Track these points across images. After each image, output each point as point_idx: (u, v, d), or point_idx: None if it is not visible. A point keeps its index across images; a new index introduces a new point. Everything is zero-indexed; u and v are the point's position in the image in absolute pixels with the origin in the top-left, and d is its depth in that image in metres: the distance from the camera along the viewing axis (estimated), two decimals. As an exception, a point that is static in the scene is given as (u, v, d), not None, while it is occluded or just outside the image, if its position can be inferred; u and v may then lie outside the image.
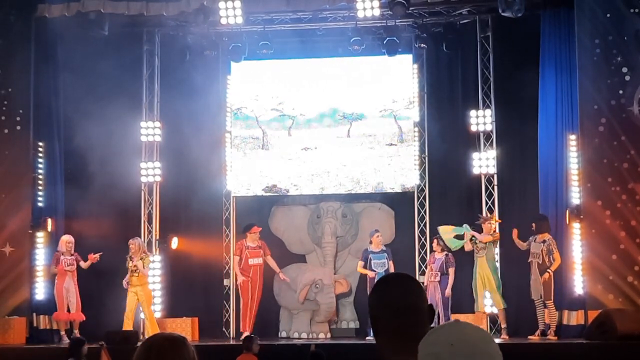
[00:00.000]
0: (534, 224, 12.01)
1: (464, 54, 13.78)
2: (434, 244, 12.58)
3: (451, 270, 12.34)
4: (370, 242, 12.66)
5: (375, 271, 12.29)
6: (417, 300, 2.37)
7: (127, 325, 12.08)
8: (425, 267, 12.88)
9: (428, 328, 2.34)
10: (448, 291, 12.24)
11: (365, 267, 12.50)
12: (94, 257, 12.29)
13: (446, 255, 12.39)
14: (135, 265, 12.23)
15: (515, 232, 12.06)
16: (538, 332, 11.89)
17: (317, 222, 13.92)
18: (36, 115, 12.77)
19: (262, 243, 13.02)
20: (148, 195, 13.70)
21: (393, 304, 2.34)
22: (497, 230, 12.51)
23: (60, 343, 12.10)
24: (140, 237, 13.39)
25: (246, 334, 11.88)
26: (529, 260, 11.97)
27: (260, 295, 12.94)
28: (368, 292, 12.23)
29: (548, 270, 11.74)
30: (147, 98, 13.91)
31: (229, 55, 13.81)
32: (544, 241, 11.86)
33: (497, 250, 12.52)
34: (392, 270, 12.18)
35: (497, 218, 12.72)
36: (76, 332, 12.21)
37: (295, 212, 14.10)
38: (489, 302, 12.45)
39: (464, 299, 12.64)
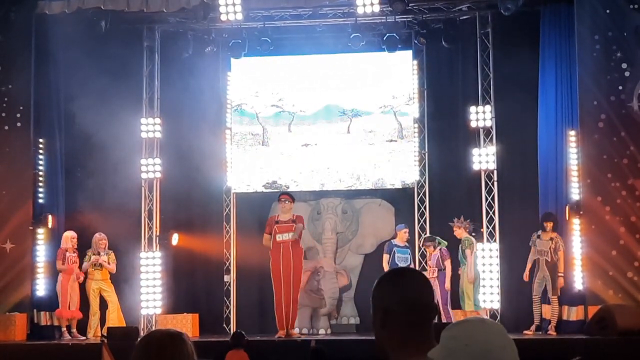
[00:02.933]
0: (551, 223, 11.98)
1: (464, 50, 13.78)
2: (429, 248, 12.55)
3: (447, 263, 12.26)
4: (395, 236, 12.65)
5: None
6: (429, 297, 2.39)
7: (95, 322, 12.13)
8: (426, 264, 12.89)
9: (432, 326, 2.36)
10: (447, 284, 12.22)
11: (388, 261, 12.46)
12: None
13: (440, 250, 12.40)
14: (98, 259, 12.26)
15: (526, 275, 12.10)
16: (533, 327, 11.94)
17: (318, 219, 13.94)
18: (36, 112, 12.77)
19: (299, 216, 12.09)
20: (148, 191, 13.70)
21: (410, 298, 2.35)
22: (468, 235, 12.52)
23: (61, 339, 12.13)
24: (140, 233, 13.44)
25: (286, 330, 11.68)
26: (535, 258, 11.96)
27: (299, 280, 11.97)
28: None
29: (560, 274, 11.81)
30: (147, 94, 13.91)
31: (229, 52, 13.81)
32: (551, 239, 11.88)
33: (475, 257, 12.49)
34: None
35: (467, 224, 12.68)
36: (74, 331, 12.24)
37: (296, 209, 14.08)
38: (486, 298, 12.51)
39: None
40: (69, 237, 12.36)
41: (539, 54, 12.90)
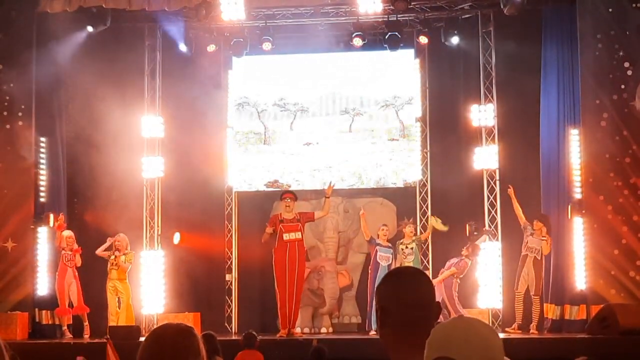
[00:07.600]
0: (541, 224, 12.00)
1: (466, 49, 13.76)
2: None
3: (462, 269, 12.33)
4: (378, 235, 12.67)
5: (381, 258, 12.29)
6: (427, 296, 2.39)
7: (112, 321, 12.14)
8: (427, 262, 12.87)
9: (434, 324, 2.36)
10: (455, 285, 12.22)
11: (373, 254, 12.45)
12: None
13: (460, 259, 12.37)
14: (116, 259, 12.30)
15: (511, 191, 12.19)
16: (515, 325, 11.94)
17: (319, 217, 13.92)
18: (38, 110, 12.76)
19: (301, 214, 12.16)
20: (150, 190, 13.70)
21: (404, 297, 2.35)
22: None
23: (62, 338, 12.14)
24: (142, 232, 13.44)
25: (290, 330, 11.72)
26: (524, 253, 12.00)
27: (302, 280, 12.02)
28: (368, 285, 12.24)
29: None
30: (149, 93, 13.91)
31: (230, 50, 13.81)
32: (543, 238, 11.91)
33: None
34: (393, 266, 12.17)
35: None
36: (86, 324, 12.29)
37: (297, 208, 14.07)
38: (488, 298, 12.50)
39: (473, 294, 12.65)
40: (65, 237, 12.39)
41: (541, 53, 12.89)
